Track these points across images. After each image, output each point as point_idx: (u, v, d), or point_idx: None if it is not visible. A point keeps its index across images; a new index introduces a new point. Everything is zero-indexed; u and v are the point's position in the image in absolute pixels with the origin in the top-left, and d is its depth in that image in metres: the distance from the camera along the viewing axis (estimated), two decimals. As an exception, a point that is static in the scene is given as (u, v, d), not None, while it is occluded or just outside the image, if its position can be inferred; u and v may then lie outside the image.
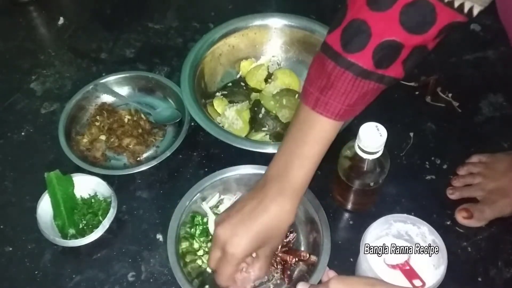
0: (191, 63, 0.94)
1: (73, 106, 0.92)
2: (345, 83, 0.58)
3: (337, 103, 0.60)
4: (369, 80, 0.58)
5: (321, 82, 0.60)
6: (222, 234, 0.63)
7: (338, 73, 0.58)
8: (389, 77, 0.59)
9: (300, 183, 0.64)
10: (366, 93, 0.59)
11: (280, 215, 0.63)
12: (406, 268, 0.70)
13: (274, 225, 0.64)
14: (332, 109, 0.60)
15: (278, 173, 0.64)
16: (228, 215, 0.65)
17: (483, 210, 0.80)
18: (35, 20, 1.18)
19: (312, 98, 0.61)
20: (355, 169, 0.75)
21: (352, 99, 0.59)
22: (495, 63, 1.03)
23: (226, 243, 0.63)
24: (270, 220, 0.63)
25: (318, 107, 0.61)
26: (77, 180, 0.82)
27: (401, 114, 0.95)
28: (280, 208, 0.63)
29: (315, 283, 0.67)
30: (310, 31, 0.98)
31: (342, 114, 0.61)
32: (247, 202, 0.65)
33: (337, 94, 0.59)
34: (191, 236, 0.78)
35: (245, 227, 0.63)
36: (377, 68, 0.57)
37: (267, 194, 0.63)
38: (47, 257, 0.79)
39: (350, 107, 0.60)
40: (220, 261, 0.65)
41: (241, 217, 0.63)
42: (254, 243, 0.63)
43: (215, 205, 0.81)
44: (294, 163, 0.63)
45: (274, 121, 0.92)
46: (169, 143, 0.91)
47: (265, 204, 0.63)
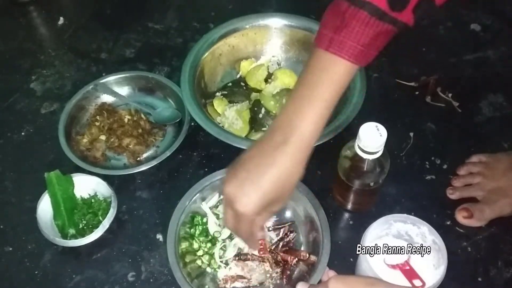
0: (191, 63, 0.94)
1: (73, 106, 0.92)
2: (359, 22, 0.57)
3: (352, 42, 0.58)
4: (382, 21, 0.57)
5: (335, 23, 0.58)
6: (231, 192, 0.60)
7: (353, 12, 0.57)
8: (401, 22, 0.58)
9: (310, 131, 0.59)
10: (379, 34, 0.58)
11: (289, 168, 0.59)
12: (406, 268, 0.70)
13: (283, 179, 0.60)
14: (346, 48, 0.58)
15: (286, 121, 0.59)
16: (234, 171, 0.61)
17: (483, 210, 0.80)
18: (35, 20, 1.18)
19: (326, 39, 0.59)
20: (355, 169, 0.75)
21: (367, 38, 0.58)
22: (495, 63, 1.03)
23: (235, 203, 0.60)
24: (278, 174, 0.59)
25: (332, 47, 0.58)
26: (77, 180, 0.82)
27: (401, 114, 0.95)
28: (288, 160, 0.59)
29: (314, 283, 0.67)
30: (310, 31, 0.98)
31: (356, 55, 0.58)
32: (253, 155, 0.61)
33: (351, 33, 0.58)
34: (190, 236, 0.78)
35: (253, 184, 0.59)
36: (391, 9, 0.57)
37: (273, 145, 0.59)
38: (47, 257, 0.79)
39: (364, 48, 0.58)
40: (235, 220, 0.62)
41: (248, 173, 0.60)
42: (264, 201, 0.60)
43: (214, 205, 0.81)
44: (304, 108, 0.59)
45: (274, 121, 0.92)
46: (169, 143, 0.91)
47: (272, 157, 0.59)
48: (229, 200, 0.61)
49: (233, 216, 0.62)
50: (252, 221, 0.62)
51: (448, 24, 1.10)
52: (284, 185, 0.60)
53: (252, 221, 0.62)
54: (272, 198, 0.60)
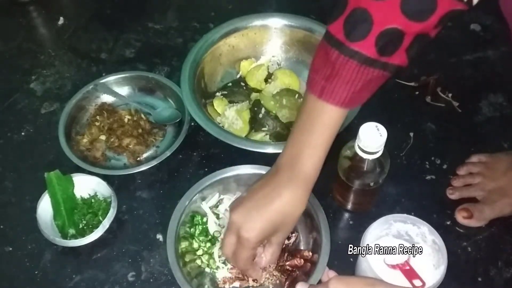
0: (191, 63, 0.94)
1: (73, 106, 0.92)
2: (350, 71, 0.59)
3: (343, 91, 0.60)
4: (373, 67, 0.59)
5: (326, 71, 0.61)
6: (237, 219, 0.64)
7: (343, 62, 0.59)
8: (393, 65, 0.59)
9: (311, 171, 0.64)
10: (371, 80, 0.60)
11: (292, 201, 0.64)
12: (406, 268, 0.70)
13: (287, 211, 0.64)
14: (338, 97, 0.61)
15: (289, 162, 0.65)
16: (242, 201, 0.66)
17: (483, 210, 0.80)
18: (35, 20, 1.18)
19: (318, 86, 0.62)
20: (355, 169, 0.75)
21: (358, 86, 0.60)
22: (495, 63, 1.03)
23: (241, 228, 0.64)
24: (283, 206, 0.64)
25: (325, 95, 0.61)
26: (77, 180, 0.82)
27: (401, 114, 0.95)
28: (293, 195, 0.64)
29: (314, 283, 0.67)
30: (310, 31, 0.98)
31: (348, 102, 0.61)
32: (260, 189, 0.65)
33: (343, 82, 0.60)
34: (190, 235, 0.78)
35: (259, 212, 0.64)
36: (381, 55, 0.58)
37: (279, 181, 0.64)
38: (47, 257, 0.79)
39: (355, 94, 0.61)
40: (236, 246, 0.66)
41: (255, 202, 0.64)
42: (268, 228, 0.64)
43: (214, 205, 0.81)
44: (304, 152, 0.64)
45: (274, 121, 0.92)
46: (169, 143, 0.91)
47: (278, 191, 0.64)
48: (235, 226, 0.65)
49: (235, 243, 0.65)
50: (253, 248, 0.66)
51: (448, 24, 1.09)
52: (287, 216, 0.65)
53: (253, 248, 0.66)
54: (275, 227, 0.65)
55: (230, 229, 0.66)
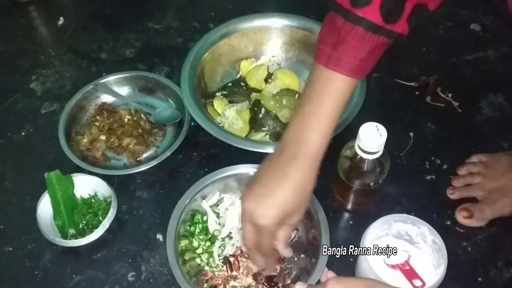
0: (191, 63, 0.94)
1: (73, 106, 0.92)
2: (356, 38, 0.59)
3: (349, 57, 0.60)
4: (378, 34, 0.59)
5: (332, 39, 0.60)
6: (249, 207, 0.63)
7: (349, 28, 0.59)
8: (396, 33, 0.60)
9: (318, 145, 0.62)
10: (376, 47, 0.60)
11: (301, 180, 0.62)
12: (406, 268, 0.70)
13: (297, 190, 0.63)
14: (344, 64, 0.60)
15: (294, 137, 0.63)
16: (251, 188, 0.64)
17: (483, 210, 0.80)
18: (35, 20, 1.18)
19: (324, 55, 0.61)
20: (355, 169, 0.75)
21: (364, 53, 0.60)
22: (495, 63, 1.03)
23: (255, 217, 0.62)
24: (292, 186, 0.62)
25: (331, 63, 0.61)
26: (77, 180, 0.82)
27: (401, 114, 0.95)
28: (300, 173, 0.62)
29: (313, 283, 0.67)
30: (310, 31, 0.98)
31: (354, 70, 0.61)
32: (267, 172, 0.64)
33: (348, 49, 0.60)
34: (190, 234, 0.78)
35: (269, 197, 0.62)
36: (385, 23, 0.58)
37: (285, 161, 0.62)
38: (47, 257, 0.79)
39: (362, 62, 0.61)
40: (256, 235, 0.64)
41: (264, 187, 0.62)
42: (282, 212, 0.62)
43: (215, 204, 0.81)
44: (310, 123, 0.62)
45: (274, 121, 0.92)
46: (169, 143, 0.91)
47: (285, 171, 0.62)
48: (249, 215, 0.63)
49: (253, 232, 0.64)
50: (272, 233, 0.64)
51: (448, 24, 1.10)
52: (299, 196, 0.63)
53: (272, 233, 0.64)
54: (288, 209, 0.63)
55: (244, 219, 0.64)
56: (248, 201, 0.63)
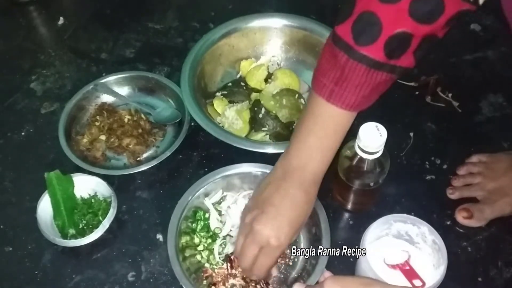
0: (191, 63, 0.94)
1: (73, 106, 0.92)
2: (359, 75, 0.60)
3: (352, 95, 0.61)
4: (381, 71, 0.59)
5: (334, 74, 0.61)
6: (264, 230, 0.64)
7: (352, 66, 0.59)
8: (401, 67, 0.60)
9: (320, 173, 0.67)
10: (380, 83, 0.61)
11: (306, 203, 0.66)
12: (406, 268, 0.70)
13: (303, 213, 0.67)
14: (347, 100, 0.62)
15: (299, 166, 0.66)
16: (261, 211, 0.65)
17: (483, 210, 0.80)
18: (35, 20, 1.18)
19: (326, 90, 0.62)
20: (355, 169, 0.75)
21: (367, 90, 0.61)
22: (495, 63, 1.03)
23: (271, 237, 0.64)
24: (299, 209, 0.66)
25: (333, 99, 0.62)
26: (77, 180, 0.82)
27: (401, 114, 0.95)
28: (306, 197, 0.66)
29: (313, 283, 0.67)
30: (310, 31, 0.98)
31: (357, 105, 0.62)
32: (273, 193, 0.66)
33: (352, 86, 0.61)
34: (192, 230, 0.79)
35: (283, 218, 0.65)
36: (389, 59, 0.58)
37: (293, 185, 0.66)
38: (47, 257, 0.79)
39: (364, 98, 0.62)
40: (260, 256, 0.66)
41: (276, 209, 0.65)
42: (293, 231, 0.66)
43: (217, 202, 0.81)
44: (315, 156, 0.66)
45: (274, 121, 0.92)
46: (169, 143, 0.91)
47: (293, 195, 0.65)
48: (263, 237, 0.64)
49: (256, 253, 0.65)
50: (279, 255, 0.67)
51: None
52: (304, 216, 0.67)
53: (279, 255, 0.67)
54: (296, 229, 0.67)
55: (255, 242, 0.65)
56: (264, 224, 0.64)
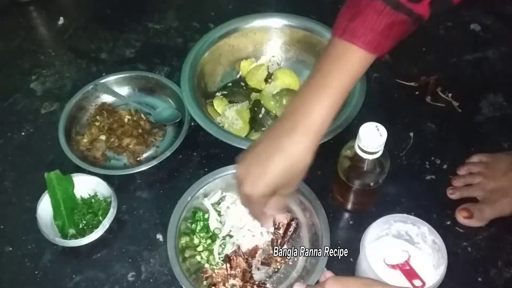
0: (191, 63, 0.94)
1: (73, 106, 0.92)
2: (373, 10, 0.58)
3: (365, 29, 0.58)
4: (397, 11, 0.58)
5: (351, 11, 0.60)
6: (240, 173, 0.62)
7: (368, 1, 0.58)
8: (417, 14, 0.59)
9: (320, 118, 0.59)
10: (393, 23, 0.59)
11: (295, 153, 0.59)
12: (406, 268, 0.70)
13: (290, 164, 0.60)
14: (359, 35, 0.59)
15: (298, 107, 0.60)
16: (245, 155, 0.63)
17: (483, 210, 0.80)
18: (35, 20, 1.18)
19: (341, 27, 0.60)
20: (355, 169, 0.75)
21: (380, 26, 0.58)
22: (495, 63, 1.03)
23: (242, 184, 0.61)
24: (284, 159, 0.59)
25: (346, 34, 0.59)
26: (77, 180, 0.82)
27: (401, 114, 0.95)
28: (296, 146, 0.59)
29: (312, 283, 0.67)
30: (310, 31, 0.98)
31: (368, 43, 0.59)
32: (262, 140, 0.62)
33: (365, 21, 0.58)
34: (191, 231, 0.79)
35: (259, 167, 0.60)
36: (407, 0, 0.58)
37: (282, 131, 0.60)
38: (47, 257, 0.79)
39: (377, 36, 0.59)
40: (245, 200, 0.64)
41: (256, 156, 0.61)
42: (271, 183, 0.61)
43: (216, 202, 0.81)
44: (316, 94, 0.59)
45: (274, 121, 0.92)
46: (169, 143, 0.91)
47: (278, 142, 0.60)
48: (238, 182, 0.63)
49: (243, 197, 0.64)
50: (260, 202, 0.63)
51: (448, 24, 1.10)
52: (291, 170, 0.60)
53: (260, 202, 0.63)
54: (278, 182, 0.61)
55: (237, 184, 0.64)
56: (240, 167, 0.62)
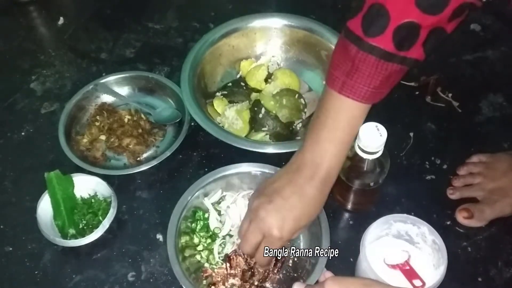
0: (191, 63, 0.94)
1: (73, 106, 0.92)
2: (369, 66, 0.60)
3: (363, 86, 0.62)
4: (391, 62, 0.60)
5: (346, 66, 0.62)
6: (269, 219, 0.65)
7: (362, 57, 0.60)
8: (411, 59, 0.61)
9: (334, 169, 0.67)
10: (390, 75, 0.62)
11: (316, 200, 0.67)
12: (406, 268, 0.70)
13: (312, 210, 0.67)
14: (358, 91, 0.62)
15: (313, 160, 0.66)
16: (269, 198, 0.66)
17: (483, 210, 0.80)
18: (35, 20, 1.18)
19: (338, 82, 0.63)
20: (355, 169, 0.75)
21: (377, 81, 0.62)
22: (495, 63, 1.03)
23: (273, 228, 0.65)
24: (309, 205, 0.66)
25: (345, 90, 0.63)
26: (77, 180, 0.82)
27: (401, 114, 0.95)
28: (317, 194, 0.66)
29: (312, 283, 0.67)
30: (310, 31, 0.98)
31: (368, 97, 0.63)
32: (285, 185, 0.67)
33: (363, 77, 0.61)
34: (191, 230, 0.79)
35: (289, 211, 0.65)
36: (398, 50, 0.59)
37: (305, 180, 0.66)
38: (47, 257, 0.79)
39: (375, 89, 0.62)
40: (263, 243, 0.67)
41: (284, 201, 0.65)
42: (297, 227, 0.66)
43: (217, 202, 0.81)
44: (328, 150, 0.65)
45: (274, 121, 0.92)
46: (169, 143, 0.91)
47: (304, 189, 0.66)
48: (266, 226, 0.65)
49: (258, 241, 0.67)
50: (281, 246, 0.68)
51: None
52: (312, 214, 0.68)
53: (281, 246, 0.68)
54: (301, 225, 0.67)
55: (258, 229, 0.66)
56: (268, 211, 0.65)
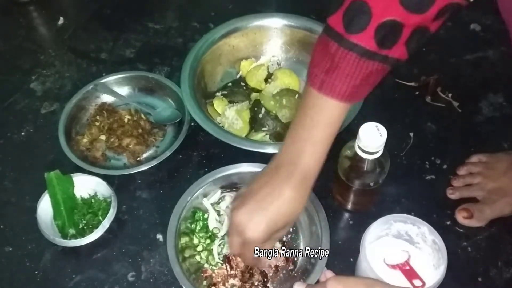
0: (191, 63, 0.94)
1: (73, 106, 0.92)
2: (350, 64, 0.58)
3: (342, 84, 0.60)
4: (373, 60, 0.58)
5: (325, 64, 0.60)
6: (240, 220, 0.64)
7: (342, 54, 0.58)
8: (393, 58, 0.59)
9: (312, 168, 0.64)
10: (371, 73, 0.60)
11: (294, 200, 0.64)
12: (406, 268, 0.70)
13: (289, 210, 0.64)
14: (338, 90, 0.60)
15: (290, 160, 0.64)
16: (243, 201, 0.65)
17: (483, 210, 0.80)
18: (35, 20, 1.18)
19: (318, 80, 0.61)
20: (355, 169, 0.75)
21: (357, 79, 0.59)
22: (495, 63, 1.03)
23: (245, 230, 0.63)
24: (284, 205, 0.63)
25: (324, 89, 0.61)
26: (77, 180, 0.82)
27: (401, 114, 0.95)
28: (294, 194, 0.63)
29: (312, 283, 0.67)
30: (310, 31, 0.98)
31: (348, 95, 0.61)
32: (261, 188, 0.65)
33: (342, 75, 0.59)
34: (191, 231, 0.79)
35: (262, 213, 0.63)
36: (380, 48, 0.58)
37: (280, 180, 0.64)
38: (47, 257, 0.80)
39: (355, 88, 0.60)
40: (242, 246, 0.65)
41: (257, 203, 0.64)
42: (271, 228, 0.64)
43: (216, 202, 0.81)
44: (305, 149, 0.63)
45: (274, 121, 0.92)
46: (169, 143, 0.91)
47: (279, 190, 0.63)
48: (239, 228, 0.64)
49: (240, 243, 0.65)
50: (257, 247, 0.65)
51: (448, 24, 1.09)
52: (289, 214, 0.64)
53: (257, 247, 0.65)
54: (278, 225, 0.64)
55: (233, 230, 0.65)
56: (241, 214, 0.64)
